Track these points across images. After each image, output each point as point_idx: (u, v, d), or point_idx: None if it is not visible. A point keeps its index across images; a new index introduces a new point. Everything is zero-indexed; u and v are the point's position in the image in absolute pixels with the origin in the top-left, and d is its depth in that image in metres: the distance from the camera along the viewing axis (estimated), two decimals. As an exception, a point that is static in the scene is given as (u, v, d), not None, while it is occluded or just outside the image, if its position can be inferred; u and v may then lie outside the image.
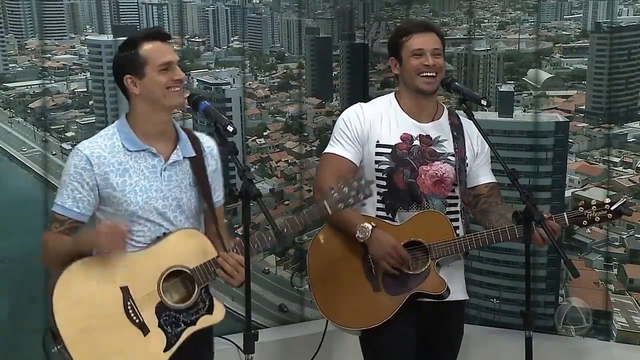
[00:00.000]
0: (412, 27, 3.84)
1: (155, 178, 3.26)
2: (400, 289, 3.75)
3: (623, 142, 4.49)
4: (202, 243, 3.34)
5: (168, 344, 3.24)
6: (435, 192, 3.79)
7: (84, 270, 3.18)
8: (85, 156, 3.20)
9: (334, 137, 3.82)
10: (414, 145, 3.80)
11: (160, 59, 3.20)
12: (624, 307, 4.48)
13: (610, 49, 4.50)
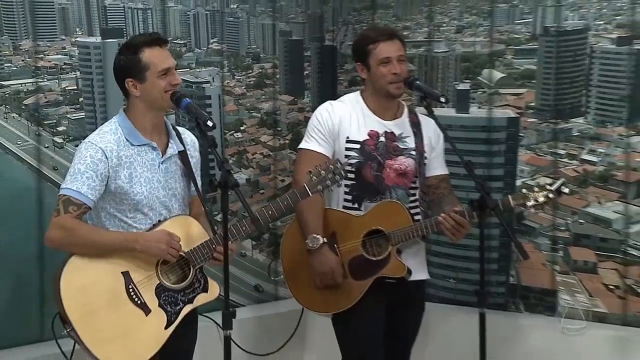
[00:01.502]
0: (378, 35, 3.88)
1: (155, 170, 3.31)
2: (365, 274, 3.76)
3: (568, 136, 4.50)
4: (194, 228, 3.38)
5: (168, 321, 3.28)
6: (399, 183, 3.83)
7: (87, 258, 3.20)
8: (101, 149, 3.23)
9: (309, 134, 3.85)
10: (380, 141, 3.83)
11: (161, 65, 3.24)
12: (568, 286, 4.49)
13: (557, 51, 4.51)
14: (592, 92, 4.46)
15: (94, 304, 3.17)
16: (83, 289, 3.16)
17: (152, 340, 3.25)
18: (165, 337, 3.26)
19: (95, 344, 3.15)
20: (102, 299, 3.19)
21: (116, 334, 3.19)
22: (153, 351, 3.24)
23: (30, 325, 3.95)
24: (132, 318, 3.23)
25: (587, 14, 4.45)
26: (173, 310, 3.30)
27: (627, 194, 4.34)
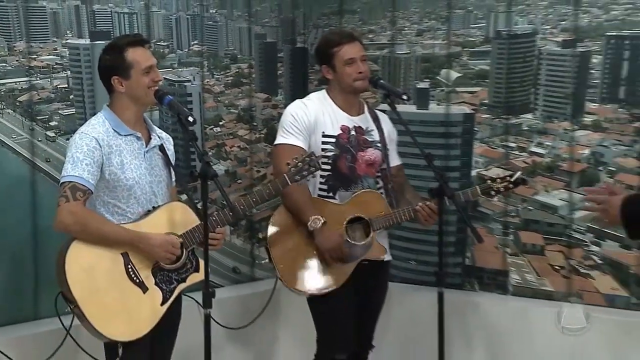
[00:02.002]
0: (341, 38, 3.95)
1: (142, 158, 3.34)
2: (350, 256, 3.82)
3: (518, 130, 4.54)
4: (186, 214, 3.42)
5: (164, 298, 3.33)
6: (368, 173, 3.91)
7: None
8: (94, 138, 3.24)
9: (285, 129, 3.87)
10: (352, 135, 3.93)
11: (144, 64, 3.26)
12: (518, 266, 4.53)
13: (508, 52, 4.55)
14: (540, 90, 4.49)
15: (96, 283, 3.20)
16: (86, 270, 3.19)
17: (150, 315, 3.29)
18: (161, 312, 3.31)
19: (97, 320, 3.17)
20: (103, 279, 3.22)
21: (117, 310, 3.22)
22: (151, 325, 3.29)
23: (25, 305, 3.95)
24: (131, 295, 3.27)
25: (535, 19, 4.48)
26: (168, 288, 3.35)
27: (571, 183, 4.37)
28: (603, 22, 4.28)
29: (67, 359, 3.78)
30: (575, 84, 4.37)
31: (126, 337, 3.23)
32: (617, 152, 4.25)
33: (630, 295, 4.20)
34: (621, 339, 4.14)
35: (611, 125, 4.28)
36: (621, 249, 4.20)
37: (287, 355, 4.85)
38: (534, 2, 4.48)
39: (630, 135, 4.21)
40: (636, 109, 4.20)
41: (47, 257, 3.51)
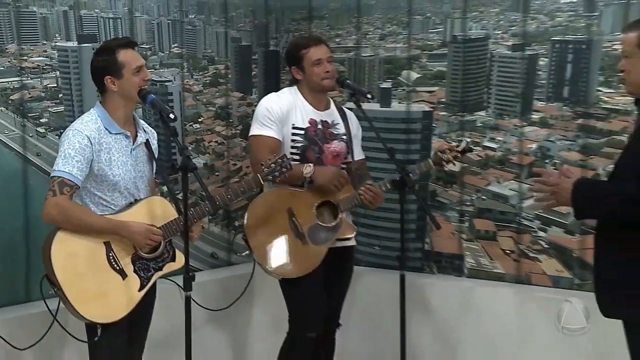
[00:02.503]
0: (308, 41, 3.98)
1: (128, 155, 3.33)
2: (323, 239, 3.87)
3: (473, 126, 4.57)
4: (165, 207, 3.44)
5: (142, 285, 3.34)
6: (334, 163, 3.93)
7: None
8: (87, 136, 3.23)
9: (260, 121, 3.88)
10: (319, 128, 3.95)
11: (134, 64, 3.26)
12: (473, 251, 4.58)
13: (463, 55, 4.59)
14: (492, 90, 4.52)
15: (78, 269, 3.21)
16: (70, 256, 3.20)
17: (128, 300, 3.30)
18: (139, 298, 3.32)
19: (78, 302, 3.18)
20: (85, 264, 3.23)
21: (97, 294, 3.23)
22: (128, 309, 3.30)
23: (18, 289, 3.95)
24: (111, 281, 3.27)
25: (488, 25, 4.51)
26: (145, 275, 3.36)
27: (520, 174, 4.41)
28: (549, 28, 4.32)
29: (55, 339, 3.77)
30: (524, 84, 4.40)
31: (104, 319, 3.24)
32: (562, 147, 4.28)
33: (573, 276, 4.24)
34: (566, 316, 4.15)
35: (556, 122, 4.31)
36: (565, 234, 4.24)
37: (261, 334, 4.83)
38: (487, 10, 4.51)
39: (573, 131, 4.26)
40: (579, 107, 4.24)
41: (38, 245, 3.46)
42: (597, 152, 4.16)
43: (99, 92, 3.38)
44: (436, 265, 4.69)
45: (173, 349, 3.70)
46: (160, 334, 3.66)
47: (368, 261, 4.80)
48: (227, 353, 4.79)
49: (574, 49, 4.25)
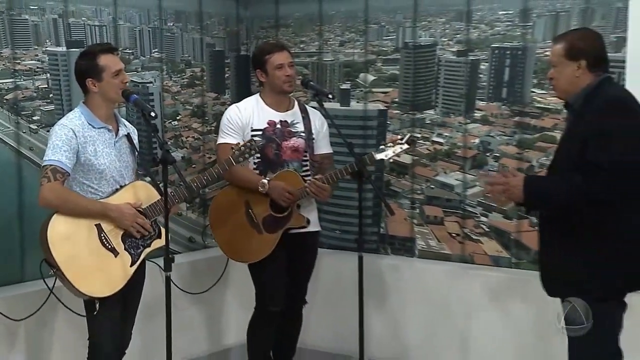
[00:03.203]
0: (272, 47, 4.00)
1: (112, 147, 3.35)
2: (276, 228, 3.87)
3: (422, 123, 4.58)
4: (148, 190, 3.44)
5: (132, 261, 3.38)
6: (293, 158, 3.99)
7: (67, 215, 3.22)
8: (71, 129, 3.25)
9: (223, 131, 3.96)
10: (277, 127, 3.99)
11: (114, 68, 3.27)
12: (423, 234, 4.61)
13: (414, 60, 4.61)
14: (439, 91, 4.53)
15: (74, 249, 3.24)
16: (66, 238, 3.23)
17: (121, 275, 3.34)
18: (131, 272, 3.37)
19: (77, 280, 3.22)
20: (80, 245, 3.26)
21: (93, 271, 3.27)
22: (122, 283, 3.34)
23: (13, 270, 3.94)
24: (105, 259, 3.30)
25: (435, 33, 4.53)
26: (135, 252, 3.39)
27: (465, 166, 4.44)
28: (489, 36, 4.33)
29: (49, 315, 3.82)
30: (467, 86, 4.42)
31: (102, 293, 3.27)
32: (501, 141, 4.29)
33: (511, 256, 4.28)
34: (503, 291, 4.20)
35: (496, 119, 4.32)
36: (504, 219, 4.27)
37: (233, 309, 4.87)
38: (434, 19, 4.51)
39: (511, 128, 4.27)
40: (515, 106, 4.26)
41: (32, 229, 3.51)
42: (532, 146, 4.18)
43: (82, 92, 3.40)
44: (390, 247, 4.72)
45: (154, 322, 3.76)
46: (142, 308, 3.66)
47: (330, 244, 4.82)
48: (203, 326, 4.80)
49: (511, 54, 4.27)
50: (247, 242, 3.96)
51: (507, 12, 4.27)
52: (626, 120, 2.90)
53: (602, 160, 2.84)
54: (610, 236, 2.95)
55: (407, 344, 4.54)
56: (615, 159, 2.83)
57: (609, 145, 2.85)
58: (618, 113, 2.92)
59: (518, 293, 4.11)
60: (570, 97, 3.10)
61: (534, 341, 4.06)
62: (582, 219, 2.96)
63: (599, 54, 3.06)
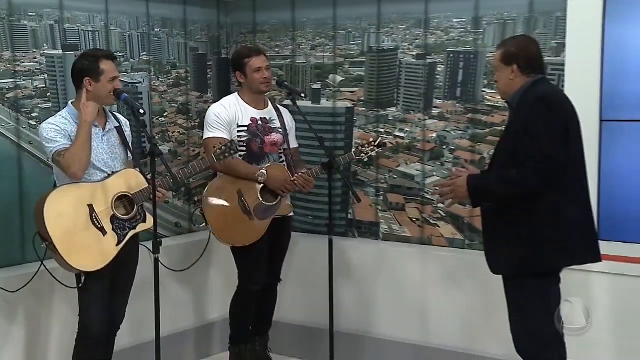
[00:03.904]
0: (250, 52, 4.02)
1: (100, 141, 3.37)
2: (266, 215, 3.92)
3: (386, 119, 4.62)
4: (137, 178, 3.45)
5: (119, 241, 3.39)
6: (273, 151, 4.02)
7: (63, 194, 3.29)
8: (55, 124, 3.36)
9: (211, 126, 3.96)
10: (259, 124, 4.00)
11: (111, 74, 3.31)
12: (387, 219, 4.64)
13: (377, 63, 4.64)
14: (401, 90, 4.55)
15: (67, 226, 3.26)
16: (60, 215, 3.25)
17: (108, 252, 3.36)
18: (116, 251, 3.38)
19: (67, 254, 3.25)
20: (73, 223, 3.28)
21: (83, 247, 3.29)
22: (108, 260, 3.35)
23: (14, 252, 3.96)
24: (94, 237, 3.33)
25: (397, 38, 4.55)
26: (122, 233, 3.41)
27: (423, 158, 4.47)
28: (445, 41, 4.34)
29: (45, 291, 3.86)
30: (425, 86, 4.43)
31: (88, 268, 3.30)
32: (456, 136, 4.32)
33: (464, 238, 4.32)
34: (458, 270, 4.27)
35: (451, 116, 4.34)
36: (458, 205, 4.13)
37: (216, 287, 4.91)
38: (396, 26, 4.52)
39: (464, 124, 4.30)
40: (468, 104, 4.30)
41: (31, 216, 3.51)
42: (483, 140, 4.22)
43: (76, 89, 3.42)
44: (357, 231, 4.73)
45: (144, 299, 3.79)
46: (134, 285, 3.72)
47: (303, 228, 4.83)
48: (189, 303, 4.83)
49: (464, 58, 4.29)
50: (239, 227, 3.98)
51: (460, 20, 4.30)
52: (551, 116, 3.01)
53: (532, 153, 2.95)
54: (543, 220, 3.07)
55: (372, 317, 4.58)
56: (544, 151, 2.94)
57: (537, 139, 2.96)
58: (545, 109, 3.02)
59: (470, 271, 4.16)
60: (509, 96, 3.21)
61: (483, 312, 4.13)
62: (518, 206, 3.07)
63: (531, 58, 3.16)
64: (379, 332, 4.54)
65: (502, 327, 3.29)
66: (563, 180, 3.02)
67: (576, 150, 3.12)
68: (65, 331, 3.85)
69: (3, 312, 3.78)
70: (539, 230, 3.07)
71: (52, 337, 3.99)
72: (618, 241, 3.75)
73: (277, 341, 4.57)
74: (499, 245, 3.19)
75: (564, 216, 3.07)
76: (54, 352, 3.99)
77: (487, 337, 4.11)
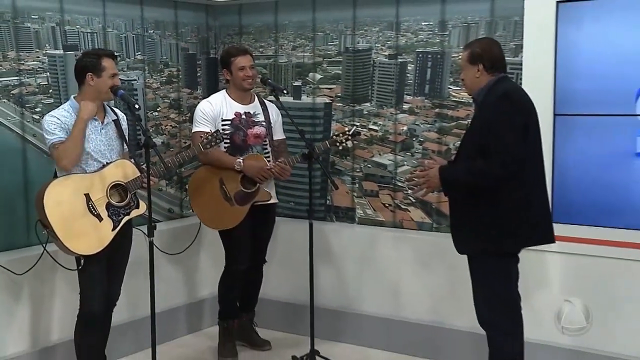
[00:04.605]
0: (237, 51, 4.03)
1: (98, 133, 3.39)
2: (246, 201, 3.93)
3: (361, 114, 4.62)
4: (130, 167, 3.46)
5: (114, 226, 3.42)
6: (256, 143, 4.05)
7: (62, 184, 3.29)
8: (56, 117, 3.38)
9: (197, 121, 3.99)
10: (243, 118, 4.03)
11: (111, 71, 3.32)
12: (362, 205, 4.65)
13: (353, 62, 4.65)
14: (374, 87, 4.56)
15: (66, 213, 3.29)
16: (59, 204, 3.27)
17: (104, 237, 3.38)
18: (112, 235, 3.41)
19: (67, 239, 3.28)
20: (71, 210, 3.30)
21: (80, 232, 3.31)
22: (104, 244, 3.38)
23: (19, 236, 3.96)
24: (91, 223, 3.35)
25: (371, 40, 4.56)
26: (116, 219, 3.42)
27: (395, 149, 4.49)
28: (414, 42, 4.36)
29: (48, 273, 3.87)
30: (397, 83, 4.44)
31: (86, 252, 3.33)
32: (424, 128, 4.34)
33: (432, 222, 4.33)
34: (427, 251, 4.29)
35: (420, 110, 4.36)
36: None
37: (206, 268, 4.91)
38: (370, 28, 4.53)
39: (432, 117, 4.31)
40: (436, 100, 4.32)
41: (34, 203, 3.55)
42: (449, 133, 4.25)
43: (78, 84, 3.43)
44: (335, 216, 4.74)
45: (139, 278, 3.82)
46: (130, 268, 3.74)
47: (286, 213, 4.84)
48: (180, 282, 4.83)
49: (432, 58, 4.31)
50: (221, 213, 4.02)
51: (428, 23, 4.33)
52: (513, 113, 3.07)
53: (497, 147, 3.01)
54: (504, 207, 3.14)
55: (349, 294, 4.61)
56: (507, 146, 3.00)
57: (501, 135, 3.03)
58: (508, 107, 3.09)
59: (437, 251, 4.19)
60: (475, 93, 3.26)
61: (449, 289, 4.18)
62: (483, 193, 3.13)
63: (494, 58, 3.22)
64: (355, 307, 4.57)
65: (467, 302, 3.37)
66: (523, 171, 3.09)
67: (534, 143, 3.19)
68: (66, 309, 3.89)
69: (9, 292, 3.80)
70: (501, 215, 3.14)
71: (54, 315, 4.02)
72: (570, 224, 3.83)
73: (262, 316, 4.63)
74: (464, 229, 3.26)
75: (523, 203, 3.15)
76: (56, 329, 4.02)
77: (453, 311, 4.15)
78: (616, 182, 3.71)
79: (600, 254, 3.76)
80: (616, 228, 3.71)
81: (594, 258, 3.77)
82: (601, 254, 3.75)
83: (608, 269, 3.75)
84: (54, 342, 3.97)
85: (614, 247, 3.71)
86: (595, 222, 3.77)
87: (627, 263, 3.69)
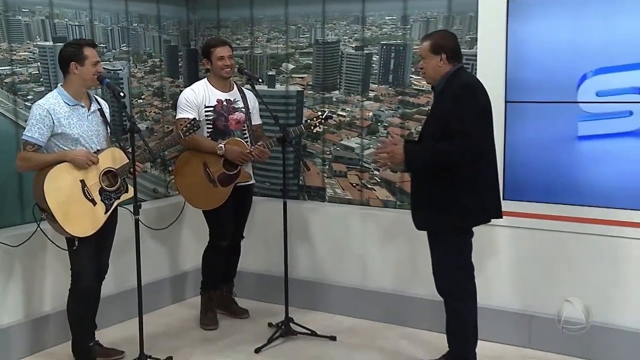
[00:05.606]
0: (216, 42, 4.03)
1: (85, 119, 3.38)
2: (228, 182, 3.95)
3: (330, 101, 4.64)
4: (121, 155, 3.46)
5: (106, 209, 3.45)
6: (237, 128, 4.07)
7: (59, 171, 3.29)
8: (46, 109, 3.27)
9: (181, 108, 4.02)
10: (224, 105, 4.02)
11: (94, 59, 3.30)
12: (332, 185, 4.67)
13: (323, 53, 4.66)
14: (343, 76, 4.57)
15: (63, 198, 3.30)
16: (57, 189, 3.28)
17: (98, 219, 3.42)
18: (105, 218, 3.45)
19: (64, 222, 3.31)
20: (68, 195, 3.32)
21: (77, 216, 3.33)
22: (98, 227, 3.41)
23: (13, 215, 3.95)
24: (86, 207, 3.36)
25: (339, 33, 4.57)
26: (109, 203, 3.45)
27: (362, 133, 4.51)
28: (379, 35, 4.38)
29: (40, 250, 3.85)
30: (363, 73, 4.45)
31: (82, 233, 3.36)
32: (388, 114, 4.36)
33: (396, 200, 4.37)
34: (391, 226, 4.32)
35: (385, 98, 4.38)
36: (391, 172, 4.33)
37: (188, 243, 4.91)
38: (338, 22, 4.54)
39: (396, 104, 4.32)
40: (399, 88, 4.34)
41: (28, 185, 3.53)
42: (411, 118, 4.28)
43: (63, 74, 3.41)
44: (307, 195, 4.75)
45: (127, 253, 3.82)
46: (117, 245, 3.75)
47: (262, 193, 4.85)
48: (165, 256, 4.82)
49: (395, 49, 4.32)
50: (205, 193, 4.04)
51: (391, 17, 4.35)
52: (474, 100, 3.13)
53: (460, 130, 3.06)
54: (459, 186, 3.20)
55: (320, 266, 4.63)
56: (468, 128, 3.05)
57: (463, 118, 3.07)
58: (469, 95, 3.14)
59: (401, 227, 4.22)
60: (435, 82, 3.30)
61: (411, 261, 4.24)
62: (440, 174, 3.18)
63: (455, 49, 3.27)
64: (326, 278, 4.60)
65: (426, 272, 3.43)
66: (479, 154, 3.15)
67: (488, 127, 3.25)
68: (57, 283, 3.91)
69: (4, 266, 3.80)
70: (457, 194, 3.20)
71: (47, 288, 4.02)
72: (519, 201, 3.91)
73: (240, 287, 4.66)
74: (423, 207, 3.31)
75: (476, 183, 3.21)
76: (49, 300, 4.02)
77: (414, 281, 4.20)
78: (560, 163, 3.79)
79: (547, 228, 3.85)
80: (560, 204, 3.81)
81: (541, 232, 3.88)
82: (547, 227, 3.85)
83: (554, 240, 3.85)
84: (47, 312, 3.98)
85: (559, 222, 3.81)
86: (541, 199, 3.87)
87: (569, 235, 3.79)
